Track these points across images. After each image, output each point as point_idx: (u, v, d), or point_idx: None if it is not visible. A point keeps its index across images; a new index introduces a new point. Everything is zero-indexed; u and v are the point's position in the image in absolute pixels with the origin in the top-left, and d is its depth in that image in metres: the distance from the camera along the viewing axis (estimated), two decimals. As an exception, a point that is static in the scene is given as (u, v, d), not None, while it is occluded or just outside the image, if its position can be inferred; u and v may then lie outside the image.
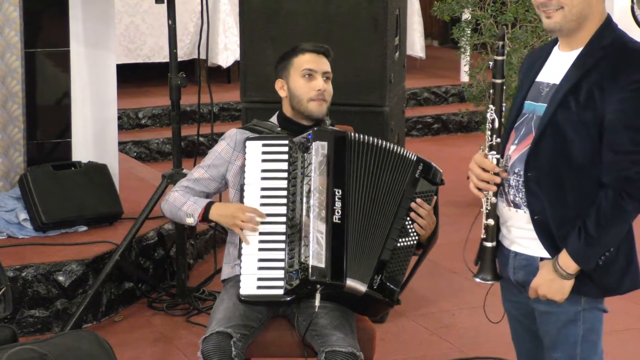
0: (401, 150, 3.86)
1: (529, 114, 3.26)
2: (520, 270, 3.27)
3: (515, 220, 3.25)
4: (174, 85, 5.39)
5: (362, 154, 3.81)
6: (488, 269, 3.30)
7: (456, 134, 9.53)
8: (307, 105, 3.99)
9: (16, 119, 5.68)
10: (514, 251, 3.27)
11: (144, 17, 8.89)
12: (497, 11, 7.35)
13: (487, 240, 3.29)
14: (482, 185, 3.24)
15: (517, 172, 3.21)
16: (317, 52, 4.03)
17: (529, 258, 3.23)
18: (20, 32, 5.62)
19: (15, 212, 5.54)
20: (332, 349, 3.64)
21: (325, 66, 4.02)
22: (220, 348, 3.62)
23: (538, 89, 3.26)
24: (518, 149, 3.24)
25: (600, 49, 3.15)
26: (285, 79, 4.04)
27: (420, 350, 5.06)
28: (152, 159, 8.39)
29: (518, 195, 3.21)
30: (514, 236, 3.27)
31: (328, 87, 4.02)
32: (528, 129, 3.23)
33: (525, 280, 3.25)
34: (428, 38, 11.20)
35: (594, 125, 3.10)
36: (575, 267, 3.12)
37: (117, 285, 5.46)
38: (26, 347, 3.45)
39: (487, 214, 3.26)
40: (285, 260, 3.73)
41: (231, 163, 4.01)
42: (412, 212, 3.81)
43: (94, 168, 5.79)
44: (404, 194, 3.82)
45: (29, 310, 5.16)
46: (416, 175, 3.84)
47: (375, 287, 3.75)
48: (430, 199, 3.86)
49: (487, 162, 3.23)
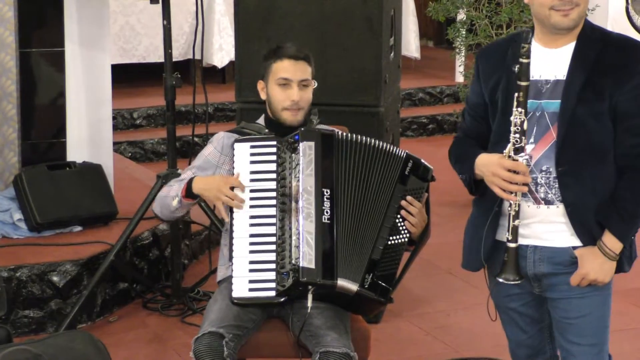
0: (390, 148, 3.85)
1: (538, 112, 3.32)
2: (543, 262, 3.36)
3: (544, 216, 3.33)
4: (169, 86, 5.39)
5: (350, 153, 3.81)
6: (512, 269, 3.34)
7: (451, 134, 9.51)
8: (281, 113, 3.98)
9: (11, 118, 5.68)
10: (533, 245, 3.36)
11: (139, 17, 8.88)
12: (492, 12, 7.36)
13: (512, 241, 3.32)
14: (514, 188, 3.27)
15: (544, 170, 3.31)
16: (295, 58, 3.97)
17: (555, 250, 3.34)
18: (15, 32, 5.62)
19: (10, 212, 5.54)
20: (326, 349, 3.64)
21: (303, 73, 3.97)
22: (212, 348, 3.61)
23: (537, 87, 3.32)
24: (539, 147, 3.32)
25: (595, 41, 3.31)
26: (265, 82, 4.03)
27: (415, 351, 5.07)
28: (146, 159, 8.38)
29: (550, 191, 3.31)
30: (537, 232, 3.35)
31: (305, 94, 3.98)
32: (544, 127, 3.31)
33: (548, 271, 3.36)
34: (423, 38, 11.20)
35: (609, 114, 3.27)
36: (620, 247, 3.29)
37: (112, 286, 5.45)
38: (20, 348, 3.45)
39: (514, 215, 3.30)
40: (276, 262, 3.73)
41: (218, 167, 4.00)
42: (403, 209, 3.81)
43: (88, 168, 5.79)
44: (393, 191, 3.81)
45: (23, 311, 5.16)
46: (406, 173, 3.84)
47: (367, 285, 3.74)
48: (421, 196, 3.86)
49: (520, 164, 3.27)
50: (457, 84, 9.54)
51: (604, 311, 3.41)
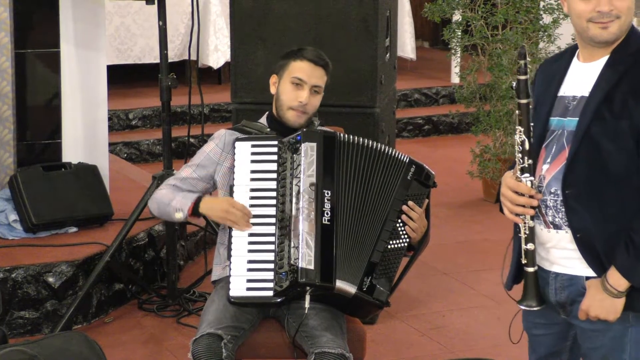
0: (393, 152, 3.85)
1: (558, 130, 3.16)
2: (564, 291, 3.18)
3: (556, 241, 3.16)
4: (165, 87, 5.39)
5: (352, 155, 3.81)
6: (532, 295, 3.19)
7: (447, 135, 9.54)
8: (286, 112, 3.98)
9: (6, 119, 5.67)
10: (555, 272, 3.18)
11: (135, 18, 8.88)
12: (487, 12, 7.37)
13: (528, 265, 3.18)
14: (518, 210, 3.13)
15: (553, 192, 3.13)
16: (315, 62, 3.98)
17: (573, 278, 3.15)
18: (10, 33, 5.61)
19: (5, 213, 5.54)
20: (322, 350, 3.64)
21: (317, 80, 3.98)
22: (211, 349, 3.62)
23: (564, 104, 3.16)
24: (552, 168, 3.14)
25: (629, 56, 3.08)
26: (279, 77, 4.03)
27: (411, 352, 5.07)
28: (142, 160, 8.38)
29: (557, 215, 3.13)
30: (555, 257, 3.18)
31: (313, 100, 3.99)
32: (560, 146, 3.14)
33: (568, 300, 3.18)
34: (419, 39, 11.20)
35: (631, 134, 3.03)
36: (625, 284, 3.03)
37: (108, 287, 5.45)
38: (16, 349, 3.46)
39: (526, 238, 3.15)
40: (275, 262, 3.73)
41: (219, 164, 4.01)
42: (404, 214, 3.81)
43: (84, 169, 5.78)
44: (395, 196, 3.82)
45: (18, 312, 5.16)
46: (408, 178, 3.84)
47: (364, 288, 3.75)
48: (422, 201, 3.86)
49: (522, 186, 3.12)
50: (452, 84, 9.55)
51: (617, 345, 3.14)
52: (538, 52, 7.35)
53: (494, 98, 7.38)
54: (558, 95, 3.19)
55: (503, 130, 7.33)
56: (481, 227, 6.91)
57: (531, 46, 7.34)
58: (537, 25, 7.28)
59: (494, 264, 6.17)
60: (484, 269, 6.12)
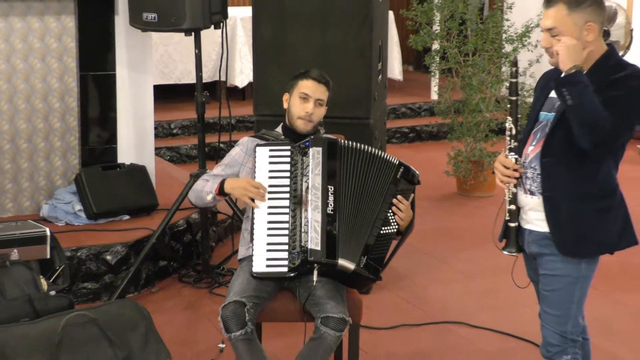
0: (385, 155, 3.84)
1: (544, 122, 3.33)
2: (533, 244, 3.36)
3: (532, 205, 3.33)
4: (200, 102, 5.39)
5: (352, 158, 3.80)
6: (513, 244, 3.38)
7: (428, 141, 9.51)
8: (295, 121, 3.97)
9: (73, 129, 5.68)
10: (529, 229, 3.36)
11: (176, 47, 8.87)
12: (460, 43, 7.35)
13: (510, 221, 3.37)
14: (505, 179, 3.34)
15: (533, 167, 3.31)
16: (318, 81, 3.97)
17: (540, 234, 3.31)
18: (76, 59, 5.62)
19: (72, 204, 5.54)
20: (327, 314, 3.64)
21: (321, 94, 3.96)
22: (236, 314, 3.62)
23: (552, 103, 3.33)
24: (535, 149, 3.33)
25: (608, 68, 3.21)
26: (290, 94, 4.03)
27: (398, 316, 5.06)
28: (181, 162, 8.37)
29: (534, 184, 3.31)
30: (530, 218, 3.35)
31: (318, 111, 3.97)
32: (543, 133, 3.32)
33: (536, 252, 3.35)
34: (405, 64, 11.18)
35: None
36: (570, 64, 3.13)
37: (154, 263, 5.45)
38: (80, 313, 3.46)
39: (510, 200, 3.35)
40: (288, 244, 3.73)
41: (243, 165, 4.00)
42: (394, 206, 3.81)
43: (135, 168, 5.79)
44: (387, 191, 3.80)
45: (82, 283, 5.16)
46: (397, 176, 3.83)
47: (362, 265, 3.74)
48: (409, 195, 3.85)
49: (509, 161, 3.32)
50: (432, 100, 9.52)
51: (572, 290, 3.30)
52: (501, 74, 7.34)
53: (466, 111, 7.36)
54: (549, 96, 3.35)
55: (473, 138, 7.31)
56: (455, 216, 6.90)
57: (496, 69, 7.33)
58: (500, 52, 7.26)
59: (466, 245, 6.17)
60: (458, 250, 6.11)
